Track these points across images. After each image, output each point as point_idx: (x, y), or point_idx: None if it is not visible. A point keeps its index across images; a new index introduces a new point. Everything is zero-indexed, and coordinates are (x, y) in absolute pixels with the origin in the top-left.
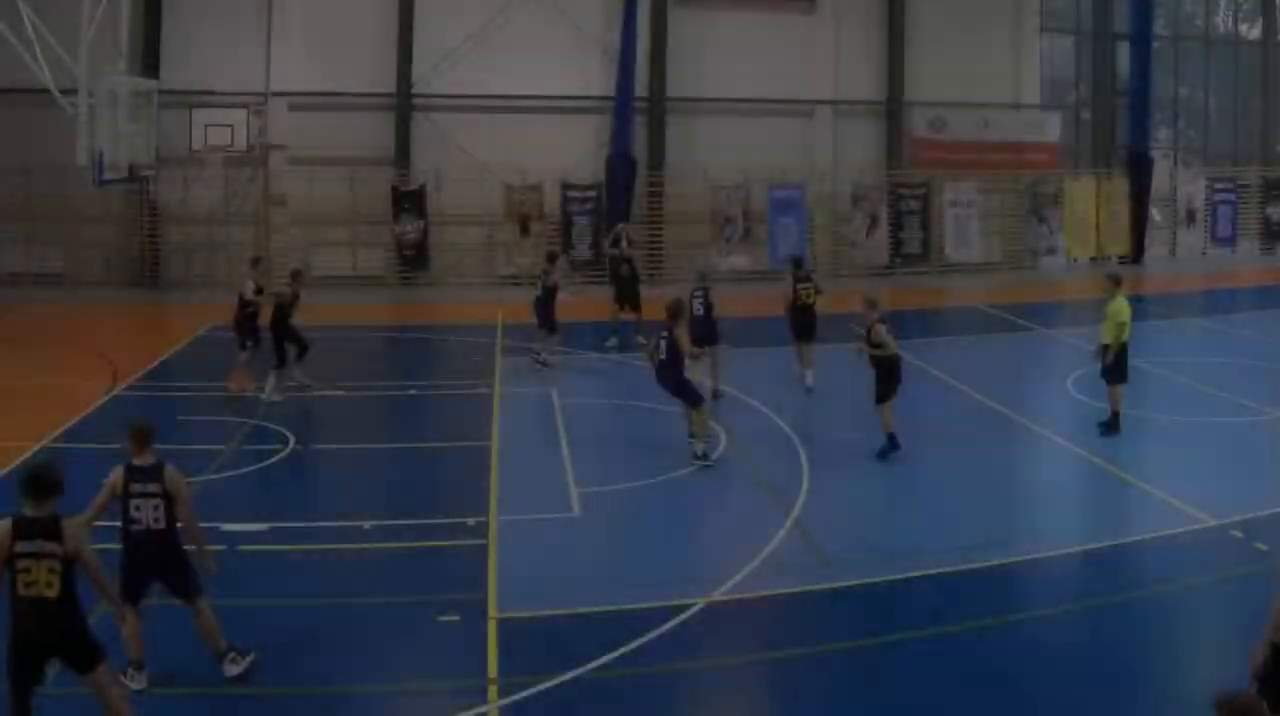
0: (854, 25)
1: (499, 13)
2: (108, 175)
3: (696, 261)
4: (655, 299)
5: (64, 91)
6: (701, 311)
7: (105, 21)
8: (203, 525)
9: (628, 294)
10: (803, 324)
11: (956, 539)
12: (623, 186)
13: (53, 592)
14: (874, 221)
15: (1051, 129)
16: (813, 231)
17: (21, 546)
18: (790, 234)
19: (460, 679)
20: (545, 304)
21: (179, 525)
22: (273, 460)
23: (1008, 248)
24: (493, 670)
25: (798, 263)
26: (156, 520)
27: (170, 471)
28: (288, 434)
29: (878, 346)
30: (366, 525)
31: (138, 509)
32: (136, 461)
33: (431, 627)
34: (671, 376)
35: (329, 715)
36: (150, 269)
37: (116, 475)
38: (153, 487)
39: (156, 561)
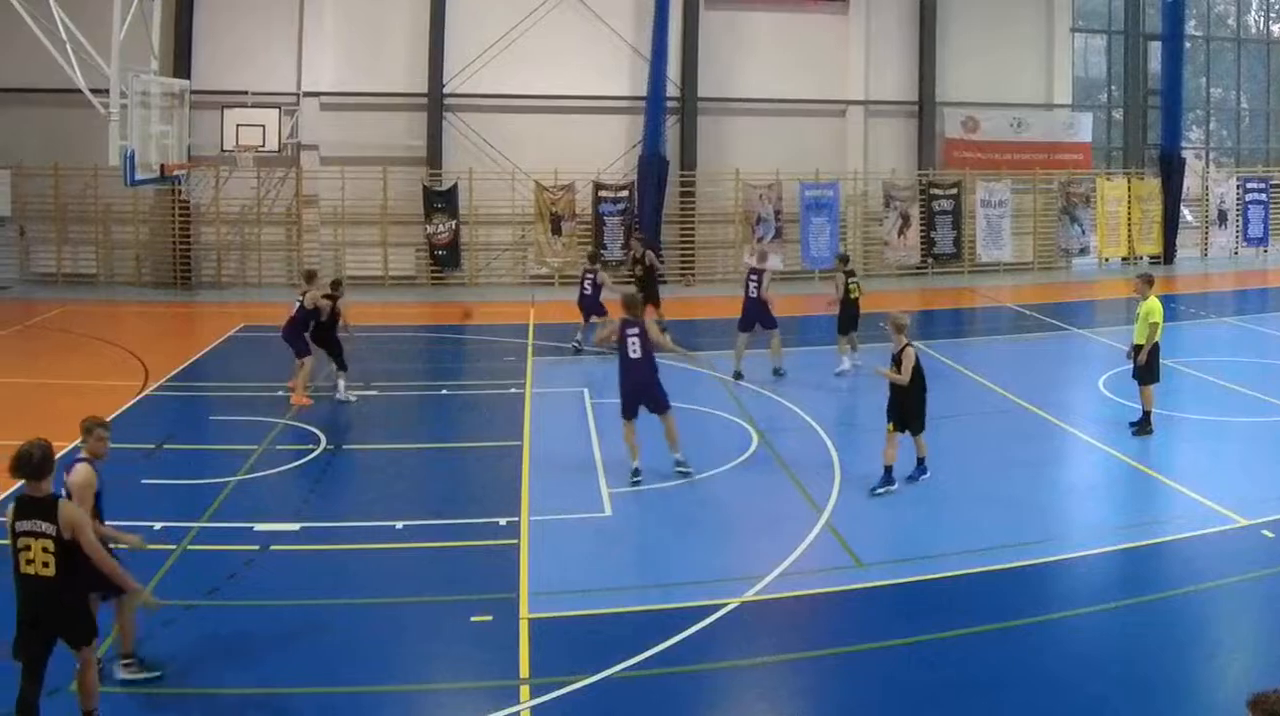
0: (885, 25)
1: (530, 13)
2: (140, 175)
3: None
4: (691, 299)
5: (96, 92)
6: (754, 293)
7: (137, 21)
8: (236, 525)
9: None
10: (848, 318)
11: (989, 539)
12: (655, 186)
13: (50, 572)
14: (906, 221)
15: (1083, 129)
16: (845, 231)
17: (20, 525)
18: (823, 234)
19: (492, 679)
20: (594, 299)
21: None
22: (305, 460)
23: (1040, 248)
24: (525, 670)
25: (845, 259)
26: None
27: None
28: (319, 434)
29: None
30: (399, 525)
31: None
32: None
33: (464, 627)
34: (648, 375)
35: (363, 714)
36: (182, 269)
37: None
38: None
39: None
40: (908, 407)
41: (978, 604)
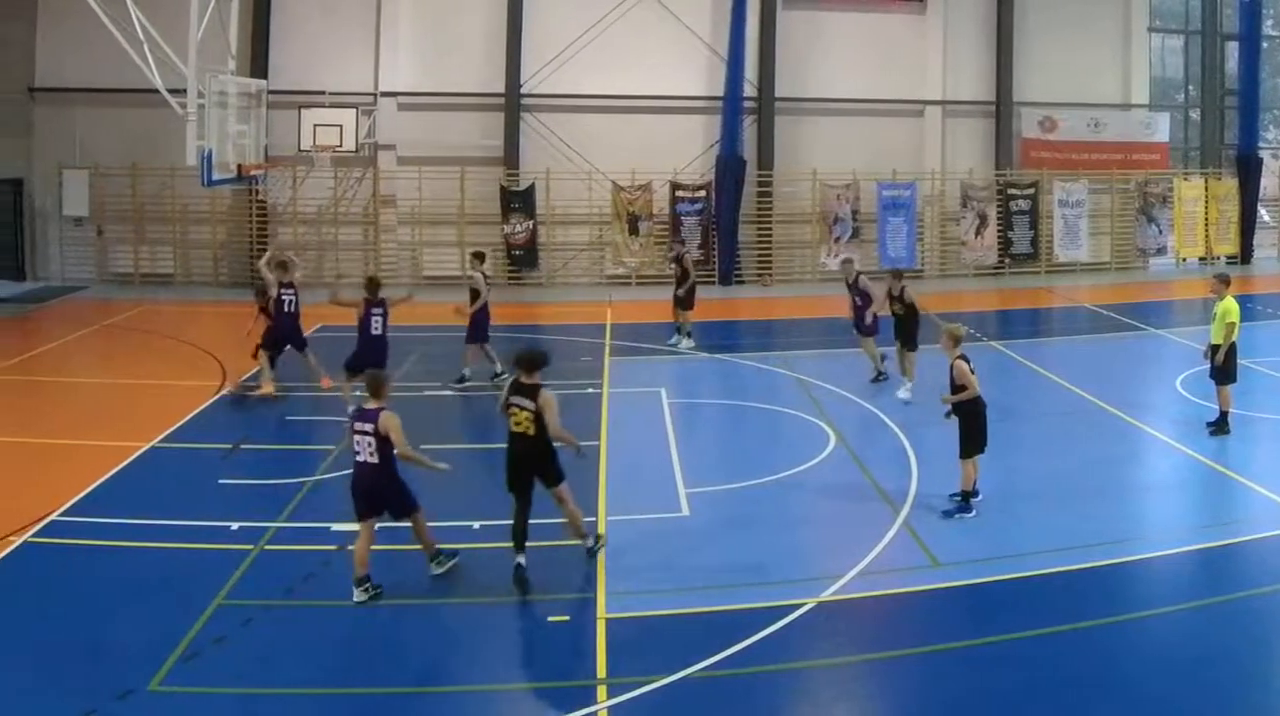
0: (963, 25)
1: (607, 13)
2: (217, 176)
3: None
4: (768, 299)
5: (173, 92)
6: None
7: (214, 22)
8: (313, 525)
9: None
10: (910, 331)
11: (1066, 539)
12: (732, 186)
13: (531, 432)
14: (983, 221)
15: (1161, 129)
16: (922, 231)
17: (514, 399)
18: (900, 234)
19: (569, 679)
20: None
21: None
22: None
23: (1117, 248)
24: (602, 670)
25: (898, 274)
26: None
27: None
28: None
29: (960, 388)
30: (476, 525)
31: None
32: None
33: (541, 628)
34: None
35: (441, 714)
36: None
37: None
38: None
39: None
40: (962, 427)
41: (1055, 604)
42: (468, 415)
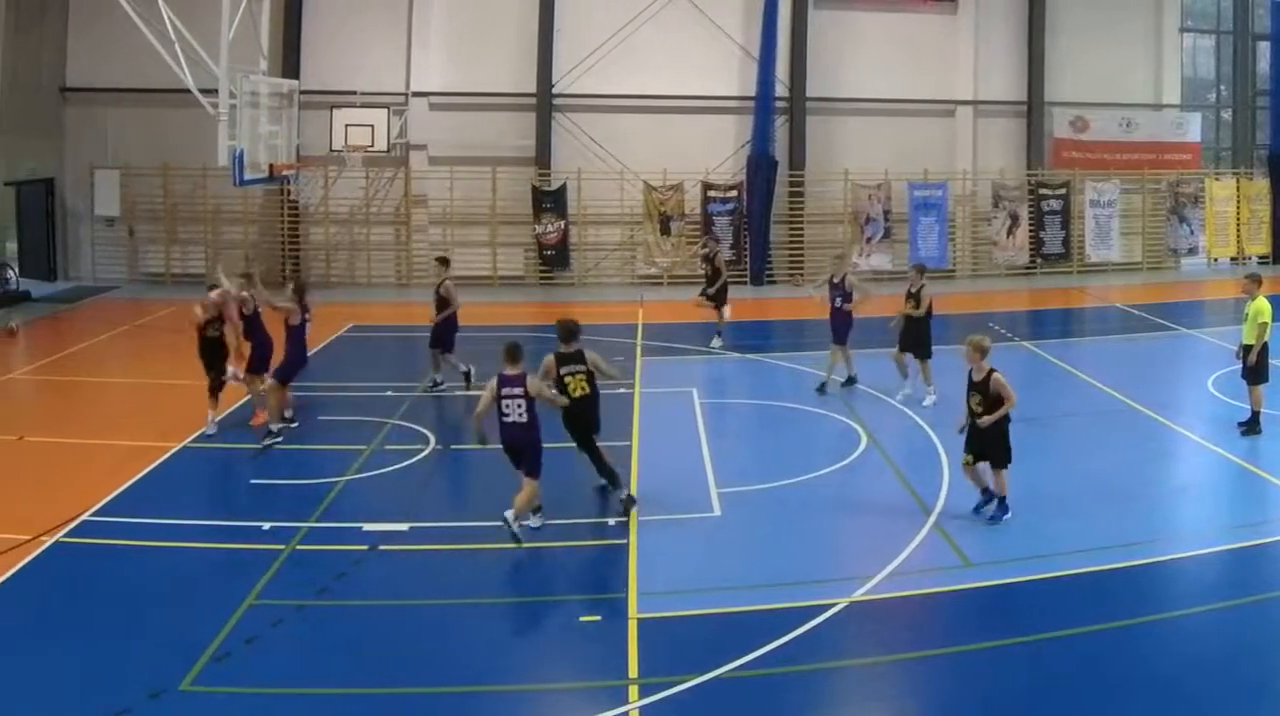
0: (994, 25)
1: (639, 13)
2: (249, 175)
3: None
4: (801, 300)
5: (205, 92)
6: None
7: (246, 22)
8: (345, 525)
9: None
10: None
11: (1097, 539)
12: (763, 186)
13: (587, 393)
14: (1015, 221)
15: (1192, 129)
16: (953, 231)
17: (566, 369)
18: (931, 234)
19: (601, 679)
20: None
21: None
22: (414, 460)
23: (1148, 248)
24: (634, 670)
25: (922, 269)
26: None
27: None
28: (428, 434)
29: (998, 402)
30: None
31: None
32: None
33: (573, 627)
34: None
35: (472, 713)
36: (291, 269)
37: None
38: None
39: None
40: (988, 435)
41: (1087, 604)
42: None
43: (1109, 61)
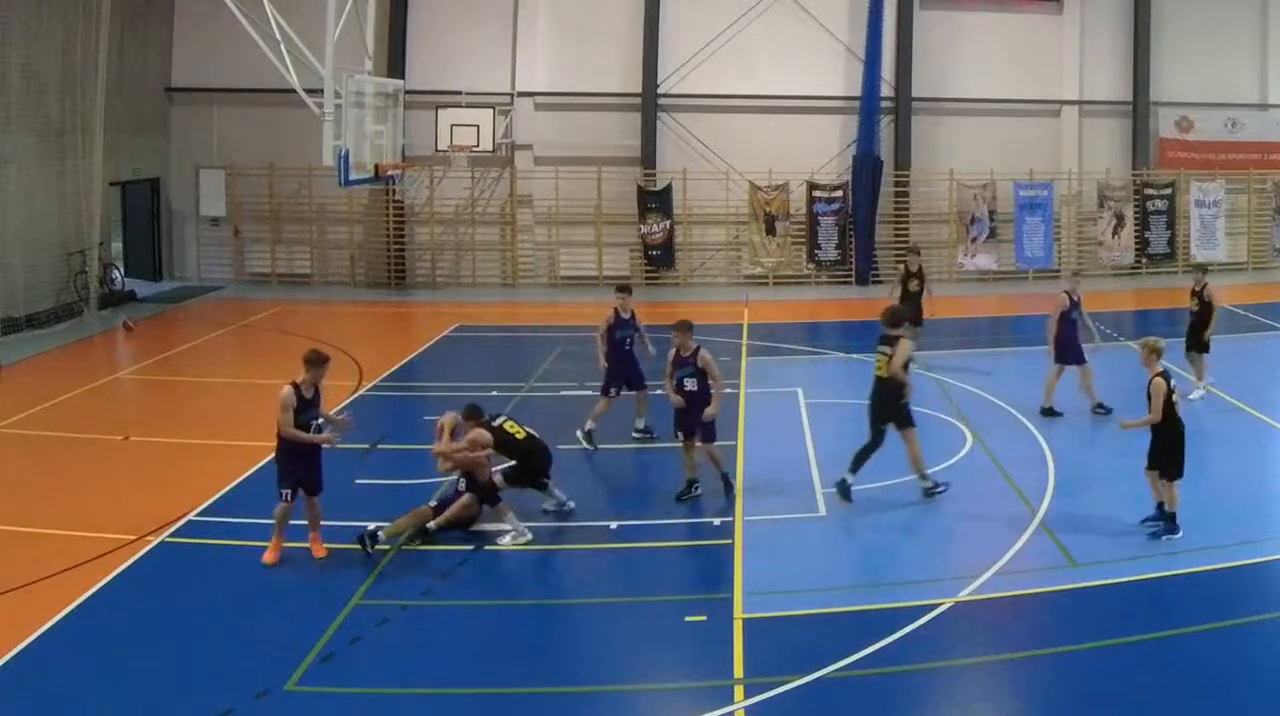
0: (1100, 25)
1: (744, 13)
2: (354, 175)
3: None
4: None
5: (310, 92)
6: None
7: (351, 22)
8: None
9: None
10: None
11: (1205, 538)
12: (869, 186)
13: (883, 374)
14: (1120, 221)
15: None
16: (1059, 231)
17: (879, 348)
18: (1037, 234)
19: (706, 679)
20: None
21: None
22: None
23: (1254, 248)
24: (739, 670)
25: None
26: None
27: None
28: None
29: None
30: (613, 525)
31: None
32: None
33: (678, 627)
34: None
35: (577, 713)
36: (396, 269)
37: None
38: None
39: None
40: (1155, 443)
41: (1195, 603)
42: (606, 417)
43: (1214, 62)
